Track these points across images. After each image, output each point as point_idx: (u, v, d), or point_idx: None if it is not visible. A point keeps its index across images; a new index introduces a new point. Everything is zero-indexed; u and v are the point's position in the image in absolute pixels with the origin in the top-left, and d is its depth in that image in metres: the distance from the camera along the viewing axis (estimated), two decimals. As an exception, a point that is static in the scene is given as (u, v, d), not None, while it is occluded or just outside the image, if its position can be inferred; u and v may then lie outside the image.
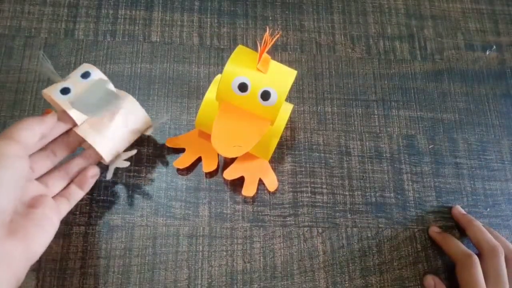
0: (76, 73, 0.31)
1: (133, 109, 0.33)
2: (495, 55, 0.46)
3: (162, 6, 0.43)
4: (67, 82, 0.30)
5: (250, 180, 0.37)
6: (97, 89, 0.31)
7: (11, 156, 0.25)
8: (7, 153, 0.25)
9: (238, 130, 0.31)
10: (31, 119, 0.28)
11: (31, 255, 0.26)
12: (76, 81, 0.31)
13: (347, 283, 0.35)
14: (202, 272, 0.34)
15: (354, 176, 0.39)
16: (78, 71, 0.31)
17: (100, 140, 0.31)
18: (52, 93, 0.30)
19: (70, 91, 0.30)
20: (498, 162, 0.42)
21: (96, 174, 0.32)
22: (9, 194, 0.25)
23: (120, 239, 0.34)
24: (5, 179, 0.25)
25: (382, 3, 0.47)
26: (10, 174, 0.25)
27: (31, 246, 0.26)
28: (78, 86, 0.30)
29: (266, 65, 0.30)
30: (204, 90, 0.39)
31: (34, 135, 0.27)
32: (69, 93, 0.30)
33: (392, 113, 0.42)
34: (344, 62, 0.43)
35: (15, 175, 0.25)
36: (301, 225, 0.37)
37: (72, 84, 0.30)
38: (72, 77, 0.31)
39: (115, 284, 0.33)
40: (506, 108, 0.44)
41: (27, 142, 0.27)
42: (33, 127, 0.27)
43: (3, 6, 0.41)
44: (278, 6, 0.45)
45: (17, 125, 0.27)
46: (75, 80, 0.31)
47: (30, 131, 0.27)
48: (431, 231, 0.37)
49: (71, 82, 0.30)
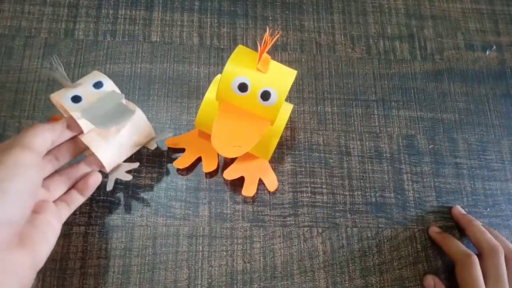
0: (88, 81, 0.31)
1: (140, 122, 0.33)
2: (495, 55, 0.46)
3: (162, 6, 0.43)
4: (78, 89, 0.30)
5: (250, 180, 0.37)
6: (109, 102, 0.31)
7: (26, 165, 0.25)
8: (22, 162, 0.25)
9: (238, 130, 0.31)
10: (43, 126, 0.27)
11: (37, 263, 0.26)
12: (87, 90, 0.30)
13: (347, 283, 0.35)
14: (202, 272, 0.34)
15: (354, 176, 0.39)
16: (90, 79, 0.31)
17: (103, 150, 0.31)
18: (63, 100, 0.29)
19: (81, 99, 0.30)
20: (498, 162, 0.42)
21: (97, 180, 0.32)
22: (23, 204, 0.25)
23: (120, 239, 0.34)
24: (20, 189, 0.24)
25: (382, 3, 0.47)
26: (25, 183, 0.25)
27: (37, 254, 0.26)
28: (90, 96, 0.30)
29: (266, 65, 0.30)
30: (204, 90, 0.39)
31: (46, 142, 0.27)
32: (80, 101, 0.30)
33: (392, 113, 0.42)
34: (344, 62, 0.43)
35: (29, 184, 0.25)
36: (301, 225, 0.37)
37: (83, 92, 0.30)
38: (84, 84, 0.31)
39: (115, 284, 0.33)
40: (506, 108, 0.44)
41: (40, 150, 0.27)
42: (46, 134, 0.27)
43: (3, 6, 0.41)
44: (278, 6, 0.45)
45: (30, 131, 0.27)
46: (86, 89, 0.30)
47: (42, 138, 0.27)
48: (431, 231, 0.38)
49: (83, 90, 0.30)
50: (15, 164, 0.24)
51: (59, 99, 0.30)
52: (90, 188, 0.32)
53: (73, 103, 0.29)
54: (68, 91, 0.30)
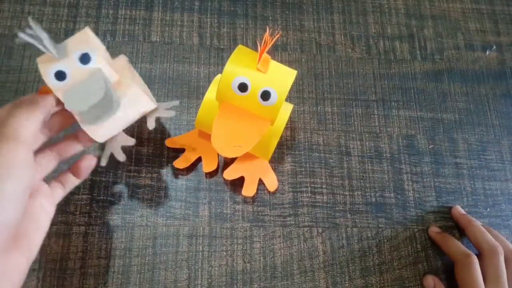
0: (74, 50, 0.27)
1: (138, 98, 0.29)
2: (495, 55, 0.46)
3: (162, 6, 0.43)
4: (63, 62, 0.26)
5: (250, 180, 0.37)
6: (94, 84, 0.26)
7: (17, 165, 0.23)
8: (13, 162, 0.22)
9: (238, 130, 0.31)
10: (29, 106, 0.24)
11: (32, 256, 0.25)
12: (73, 65, 0.26)
13: (347, 283, 0.35)
14: (202, 272, 0.34)
15: (354, 176, 0.39)
16: (77, 47, 0.27)
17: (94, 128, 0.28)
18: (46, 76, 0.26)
19: (66, 76, 0.26)
20: (498, 162, 0.42)
21: (90, 165, 0.30)
22: (16, 207, 0.23)
23: (120, 239, 0.34)
24: (12, 191, 0.22)
25: (382, 3, 0.47)
26: (19, 184, 0.23)
27: (32, 247, 0.25)
28: (76, 73, 0.26)
29: (266, 65, 0.30)
30: (204, 90, 0.39)
31: (36, 126, 0.24)
32: (65, 79, 0.26)
33: (392, 113, 0.42)
34: (344, 62, 0.43)
35: (24, 184, 0.23)
36: (301, 225, 0.37)
37: (69, 67, 0.26)
38: (70, 55, 0.26)
39: (115, 284, 0.33)
40: (506, 108, 0.44)
41: (31, 139, 0.24)
42: (34, 116, 0.24)
43: (3, 6, 0.41)
44: (278, 6, 0.45)
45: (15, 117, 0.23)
46: (72, 63, 0.26)
47: (31, 122, 0.24)
48: (431, 231, 0.38)
49: (68, 64, 0.26)
50: (7, 165, 0.22)
51: (43, 71, 0.26)
52: (84, 172, 0.30)
53: (56, 80, 0.26)
54: (53, 63, 0.26)
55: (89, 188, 0.35)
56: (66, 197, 0.35)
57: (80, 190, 0.35)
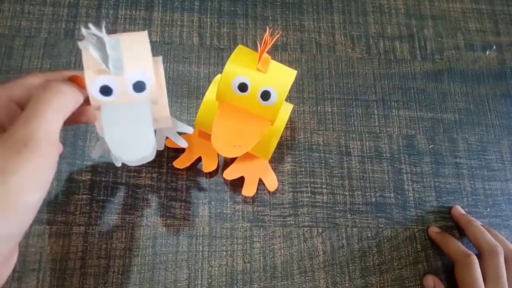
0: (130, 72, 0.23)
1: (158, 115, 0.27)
2: (495, 55, 0.46)
3: (162, 6, 0.43)
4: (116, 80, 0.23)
5: (250, 180, 0.37)
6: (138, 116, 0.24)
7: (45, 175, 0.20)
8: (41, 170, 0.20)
9: (238, 130, 0.31)
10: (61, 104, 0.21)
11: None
12: (124, 88, 0.23)
13: (347, 283, 0.35)
14: (202, 272, 0.34)
15: (354, 176, 0.39)
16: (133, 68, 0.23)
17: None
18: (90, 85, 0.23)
19: (112, 94, 0.23)
20: (498, 162, 0.42)
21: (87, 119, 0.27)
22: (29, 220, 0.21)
23: (120, 239, 0.34)
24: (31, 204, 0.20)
25: (382, 3, 0.47)
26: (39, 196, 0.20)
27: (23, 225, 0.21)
28: (124, 96, 0.23)
29: (266, 65, 0.30)
30: (204, 90, 0.39)
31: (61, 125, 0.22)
32: (109, 95, 0.23)
33: (392, 113, 0.42)
34: (344, 62, 0.43)
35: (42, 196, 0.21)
36: (301, 225, 0.37)
37: (118, 87, 0.23)
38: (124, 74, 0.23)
39: (115, 284, 0.33)
40: (506, 108, 0.44)
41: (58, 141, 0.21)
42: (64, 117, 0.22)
43: (3, 6, 0.41)
44: (278, 6, 0.45)
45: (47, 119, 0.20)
46: (123, 85, 0.23)
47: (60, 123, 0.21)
48: (431, 231, 0.38)
49: (119, 84, 0.23)
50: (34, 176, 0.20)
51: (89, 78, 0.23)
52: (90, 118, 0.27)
53: (100, 94, 0.23)
54: (103, 74, 0.23)
55: (89, 188, 0.35)
56: (66, 197, 0.35)
57: (80, 190, 0.35)
